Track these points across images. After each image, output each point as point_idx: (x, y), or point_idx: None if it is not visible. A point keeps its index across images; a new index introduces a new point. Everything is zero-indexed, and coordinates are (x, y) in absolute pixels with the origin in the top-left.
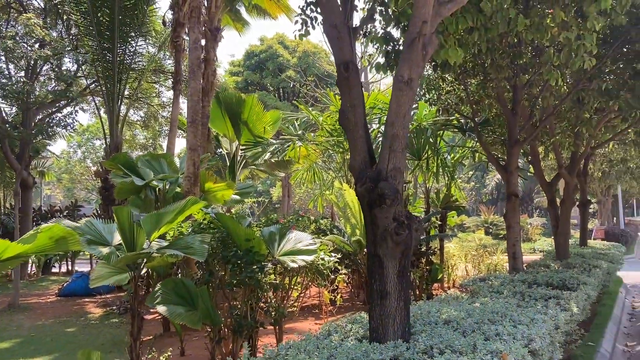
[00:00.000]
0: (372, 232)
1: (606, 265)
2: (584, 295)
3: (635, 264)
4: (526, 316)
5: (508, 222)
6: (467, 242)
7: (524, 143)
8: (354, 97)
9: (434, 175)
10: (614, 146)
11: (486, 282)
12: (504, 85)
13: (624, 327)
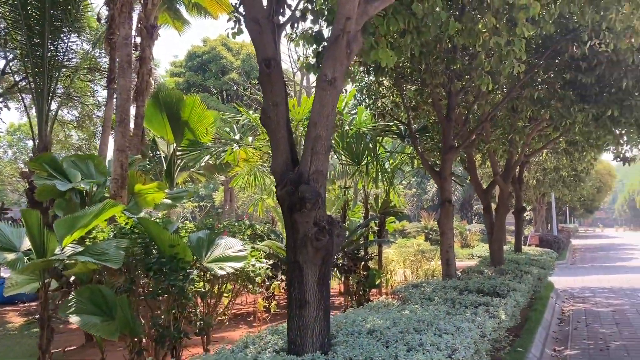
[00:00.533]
0: (292, 238)
1: (537, 271)
2: (513, 302)
3: (567, 270)
4: (452, 325)
5: (442, 228)
6: (406, 248)
7: (458, 149)
8: (276, 95)
9: (373, 180)
10: (547, 155)
11: (418, 288)
12: (440, 92)
13: (553, 332)
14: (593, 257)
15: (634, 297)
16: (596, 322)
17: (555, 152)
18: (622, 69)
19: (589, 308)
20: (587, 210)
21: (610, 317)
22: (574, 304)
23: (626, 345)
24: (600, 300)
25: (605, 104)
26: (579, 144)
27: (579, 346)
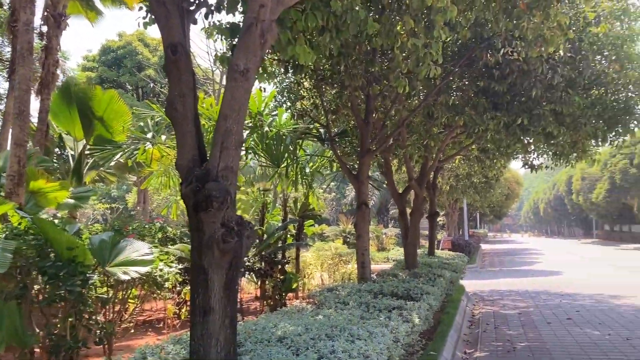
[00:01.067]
0: (196, 240)
1: (449, 274)
2: (426, 306)
3: (477, 273)
4: (366, 330)
5: (358, 231)
6: (324, 251)
7: (375, 153)
8: (183, 85)
9: (293, 183)
10: (460, 161)
11: (334, 292)
12: (358, 95)
13: (464, 334)
14: (501, 261)
15: (537, 299)
16: (504, 324)
17: (468, 159)
18: (532, 79)
19: (497, 310)
20: (496, 216)
21: (517, 319)
22: (483, 306)
23: (530, 347)
24: (507, 302)
25: (516, 113)
26: (490, 152)
27: (488, 348)
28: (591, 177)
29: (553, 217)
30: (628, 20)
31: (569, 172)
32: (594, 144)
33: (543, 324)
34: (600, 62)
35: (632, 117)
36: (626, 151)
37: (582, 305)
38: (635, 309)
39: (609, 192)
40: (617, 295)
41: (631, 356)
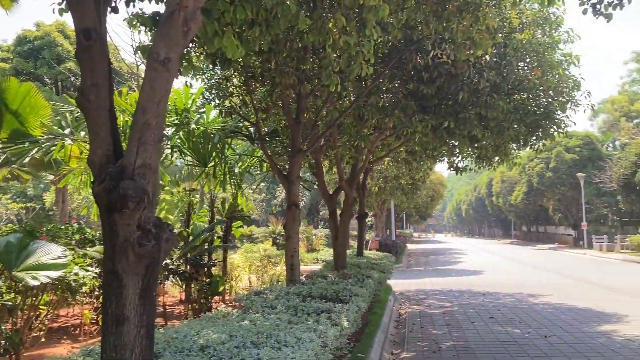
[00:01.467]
0: (109, 243)
1: (377, 275)
2: (355, 308)
3: (403, 273)
4: (293, 335)
5: (288, 232)
6: (253, 253)
7: (306, 153)
8: (97, 74)
9: (221, 183)
10: (388, 163)
11: (261, 295)
12: (290, 94)
13: (391, 335)
14: (426, 261)
15: (461, 298)
16: (429, 323)
17: (396, 161)
18: (459, 82)
19: (423, 310)
20: (422, 217)
21: (442, 319)
22: (409, 306)
23: (455, 346)
24: (433, 302)
25: (443, 116)
26: (417, 154)
27: (415, 348)
28: (510, 180)
29: (474, 218)
30: (549, 28)
31: (490, 175)
32: (516, 147)
33: (467, 323)
34: (523, 68)
35: (551, 122)
36: (543, 156)
37: (504, 304)
38: (552, 307)
39: (527, 194)
40: (535, 294)
41: (549, 353)
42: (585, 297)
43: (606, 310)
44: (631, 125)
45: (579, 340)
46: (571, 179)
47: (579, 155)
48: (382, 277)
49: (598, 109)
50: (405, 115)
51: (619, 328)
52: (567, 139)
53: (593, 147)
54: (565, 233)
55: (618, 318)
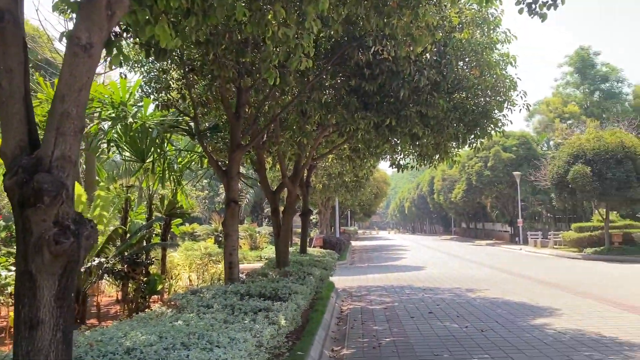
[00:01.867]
0: (22, 241)
1: (319, 272)
2: (294, 306)
3: (347, 270)
4: (227, 336)
5: (227, 230)
6: (193, 251)
7: (246, 148)
8: (10, 59)
9: (160, 179)
10: (332, 160)
11: (197, 294)
12: (230, 87)
13: (332, 332)
14: (369, 257)
15: (402, 294)
16: (370, 319)
17: (340, 158)
18: (400, 80)
19: (364, 306)
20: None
21: (383, 315)
22: (351, 302)
23: (395, 342)
24: (374, 298)
25: (385, 113)
26: (360, 151)
27: (355, 345)
28: (451, 178)
29: (417, 215)
30: (487, 29)
31: (432, 173)
32: (455, 146)
33: (407, 318)
34: (462, 67)
35: (489, 120)
36: (482, 155)
37: (443, 299)
38: (489, 302)
39: (466, 192)
40: (472, 288)
41: (485, 346)
42: (521, 292)
43: (540, 304)
44: (564, 126)
45: (514, 334)
46: (508, 177)
47: (516, 154)
48: (325, 274)
49: (534, 109)
50: (348, 111)
51: (551, 321)
52: (505, 138)
53: (529, 147)
54: (502, 229)
55: (551, 312)
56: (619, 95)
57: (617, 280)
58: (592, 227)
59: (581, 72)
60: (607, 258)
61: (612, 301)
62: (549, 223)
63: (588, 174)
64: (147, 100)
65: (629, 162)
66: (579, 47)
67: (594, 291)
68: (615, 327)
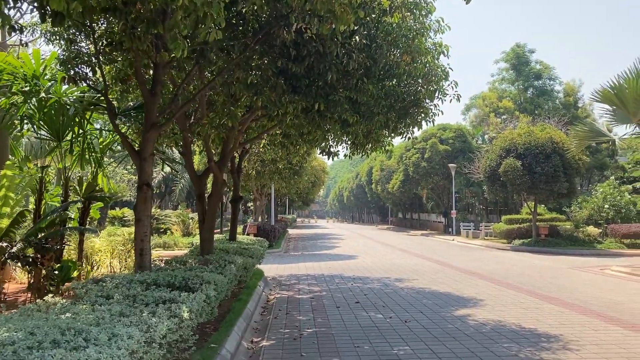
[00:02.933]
0: None
1: (243, 260)
2: (203, 297)
3: (280, 258)
4: (109, 332)
5: (138, 214)
6: (116, 237)
7: (161, 128)
8: None
9: (78, 160)
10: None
11: (100, 284)
12: (147, 63)
13: (254, 322)
14: (304, 246)
15: (331, 282)
16: (296, 309)
17: (273, 144)
18: (328, 62)
19: (292, 295)
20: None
21: (309, 304)
22: (279, 291)
23: (317, 332)
24: (303, 287)
25: (313, 97)
26: (293, 137)
27: (276, 336)
28: (389, 168)
29: (355, 205)
30: (419, 14)
31: (370, 164)
32: (387, 134)
33: (333, 308)
34: (394, 53)
35: (420, 109)
36: (419, 146)
37: (371, 289)
38: (416, 292)
39: (403, 183)
40: (402, 278)
41: (407, 338)
42: (448, 282)
43: (465, 294)
44: (498, 121)
45: (437, 324)
46: (444, 169)
47: (452, 147)
48: (251, 262)
49: (470, 103)
50: (275, 94)
51: (474, 312)
52: (442, 131)
53: (464, 140)
54: (436, 220)
55: (475, 302)
56: (550, 93)
57: (540, 271)
58: (520, 220)
59: (516, 69)
60: (534, 250)
61: (534, 292)
62: (481, 215)
63: (519, 167)
64: (62, 74)
65: (557, 157)
66: (515, 44)
67: (518, 282)
68: (534, 319)
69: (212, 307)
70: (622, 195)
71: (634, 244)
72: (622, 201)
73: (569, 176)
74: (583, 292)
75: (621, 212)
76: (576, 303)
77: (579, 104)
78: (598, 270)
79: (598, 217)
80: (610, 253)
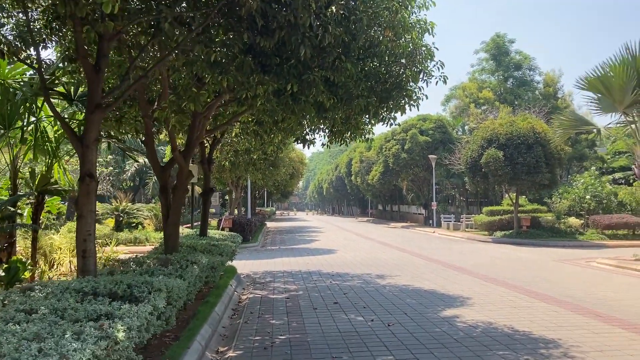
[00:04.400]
0: None
1: (208, 260)
2: (149, 309)
3: (257, 253)
4: None
5: (80, 210)
6: None
7: (107, 110)
8: None
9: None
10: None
11: (28, 293)
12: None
13: (222, 327)
14: (282, 240)
15: (308, 280)
16: (269, 311)
17: (246, 133)
18: (300, 34)
19: (265, 295)
20: (283, 195)
21: (284, 305)
22: (253, 290)
23: (291, 340)
24: (278, 285)
25: (285, 77)
26: (266, 125)
27: (245, 344)
28: (369, 160)
29: (335, 197)
30: None
31: (350, 155)
32: (367, 120)
33: (309, 310)
34: (375, 29)
35: (403, 92)
36: (399, 137)
37: (351, 287)
38: (399, 290)
39: (383, 174)
40: (383, 274)
41: (389, 344)
42: (432, 277)
43: (450, 292)
44: (479, 112)
45: (423, 328)
46: (424, 160)
47: (432, 138)
48: (219, 261)
49: (450, 94)
50: (243, 74)
51: (462, 312)
52: (422, 121)
53: (444, 131)
54: (417, 212)
55: (462, 301)
56: (530, 83)
57: (526, 265)
58: (502, 211)
59: (496, 59)
60: (516, 241)
61: (523, 289)
62: (461, 206)
63: (500, 158)
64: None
65: (539, 148)
66: (495, 34)
67: (504, 277)
68: (528, 320)
69: (167, 317)
70: (603, 186)
71: (615, 234)
72: (603, 192)
73: (550, 167)
74: (573, 287)
75: (602, 203)
76: (569, 300)
77: (559, 95)
78: (584, 262)
79: (579, 208)
80: (593, 244)
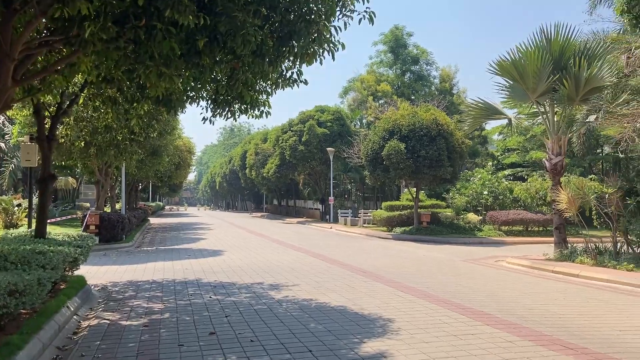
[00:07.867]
0: None
1: (8, 279)
2: None
3: (127, 256)
4: None
5: None
6: None
7: None
8: None
9: None
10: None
11: None
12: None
13: None
14: (163, 238)
15: (181, 294)
16: (111, 351)
17: (99, 97)
18: None
19: (116, 321)
20: (171, 189)
21: (136, 340)
22: (101, 313)
23: None
24: (139, 303)
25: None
26: (121, 83)
27: None
28: (264, 152)
29: (228, 191)
30: None
31: (245, 147)
32: (262, 74)
33: (172, 348)
34: None
35: (312, 28)
36: (296, 129)
37: (236, 304)
38: (299, 308)
39: (279, 167)
40: (279, 284)
41: None
42: (338, 288)
43: (365, 310)
44: (377, 105)
45: None
46: (322, 153)
47: (330, 130)
48: (35, 279)
49: (348, 86)
50: None
51: (389, 347)
52: (320, 113)
53: (343, 123)
54: (313, 207)
55: (383, 326)
56: (427, 78)
57: (437, 266)
58: (401, 207)
59: (394, 52)
60: (417, 238)
61: (450, 302)
62: (358, 201)
63: (402, 150)
64: None
65: (442, 141)
66: (394, 26)
67: (421, 284)
68: (481, 358)
69: None
70: (499, 182)
71: (511, 230)
72: (499, 187)
73: (452, 160)
74: (506, 298)
75: (499, 199)
76: (516, 321)
77: (454, 91)
78: (493, 262)
79: (477, 204)
80: (492, 241)
